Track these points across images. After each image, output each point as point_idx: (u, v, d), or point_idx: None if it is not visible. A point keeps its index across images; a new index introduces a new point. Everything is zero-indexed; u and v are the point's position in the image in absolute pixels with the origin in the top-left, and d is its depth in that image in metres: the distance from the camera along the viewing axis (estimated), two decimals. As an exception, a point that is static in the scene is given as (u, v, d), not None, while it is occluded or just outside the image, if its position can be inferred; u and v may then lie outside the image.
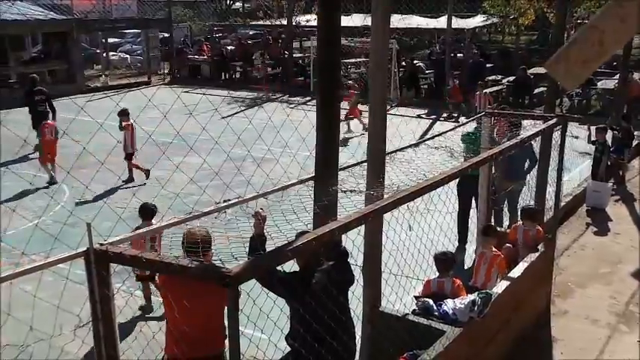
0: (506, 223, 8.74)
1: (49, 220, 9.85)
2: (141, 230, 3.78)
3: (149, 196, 4.94)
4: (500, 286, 5.83)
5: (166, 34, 29.58)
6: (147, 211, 6.90)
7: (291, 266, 4.15)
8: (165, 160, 6.66)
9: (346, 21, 20.40)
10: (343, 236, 3.84)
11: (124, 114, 12.24)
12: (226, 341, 2.88)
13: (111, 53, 30.36)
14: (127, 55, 31.57)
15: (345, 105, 16.36)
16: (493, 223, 7.62)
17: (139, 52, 31.60)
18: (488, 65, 23.66)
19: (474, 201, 8.41)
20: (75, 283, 4.55)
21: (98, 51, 30.48)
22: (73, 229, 6.65)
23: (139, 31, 30.32)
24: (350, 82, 18.33)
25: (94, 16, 26.97)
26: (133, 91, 21.57)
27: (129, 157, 12.60)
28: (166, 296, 4.08)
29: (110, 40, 30.53)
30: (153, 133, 5.13)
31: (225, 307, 4.20)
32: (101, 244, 3.38)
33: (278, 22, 28.20)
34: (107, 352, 3.48)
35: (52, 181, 12.32)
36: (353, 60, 20.77)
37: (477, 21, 24.96)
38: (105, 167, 3.92)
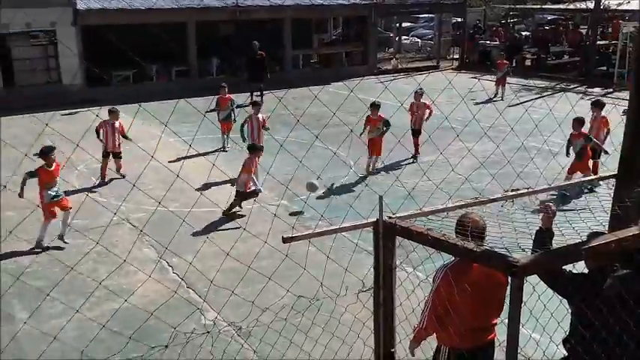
0: None
1: (336, 191, 10.63)
2: (428, 209, 3.82)
3: (437, 178, 5.01)
4: None
5: (459, 19, 29.53)
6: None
7: (572, 268, 3.86)
8: (446, 144, 6.65)
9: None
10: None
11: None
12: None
13: (403, 37, 31.42)
14: (419, 40, 32.34)
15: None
16: None
17: (430, 36, 32.14)
18: None
19: None
20: (360, 250, 4.84)
21: (391, 35, 31.77)
22: (355, 202, 7.09)
23: (433, 15, 30.78)
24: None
25: (391, 1, 28.12)
26: (422, 75, 22.01)
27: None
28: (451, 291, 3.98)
29: (404, 24, 31.57)
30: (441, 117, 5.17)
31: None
32: (390, 217, 3.50)
33: (582, 6, 26.03)
34: (385, 319, 3.63)
35: None
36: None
37: None
38: (401, 145, 4.07)
